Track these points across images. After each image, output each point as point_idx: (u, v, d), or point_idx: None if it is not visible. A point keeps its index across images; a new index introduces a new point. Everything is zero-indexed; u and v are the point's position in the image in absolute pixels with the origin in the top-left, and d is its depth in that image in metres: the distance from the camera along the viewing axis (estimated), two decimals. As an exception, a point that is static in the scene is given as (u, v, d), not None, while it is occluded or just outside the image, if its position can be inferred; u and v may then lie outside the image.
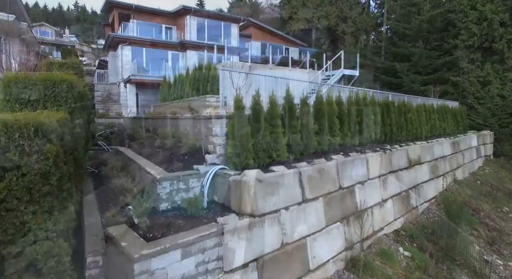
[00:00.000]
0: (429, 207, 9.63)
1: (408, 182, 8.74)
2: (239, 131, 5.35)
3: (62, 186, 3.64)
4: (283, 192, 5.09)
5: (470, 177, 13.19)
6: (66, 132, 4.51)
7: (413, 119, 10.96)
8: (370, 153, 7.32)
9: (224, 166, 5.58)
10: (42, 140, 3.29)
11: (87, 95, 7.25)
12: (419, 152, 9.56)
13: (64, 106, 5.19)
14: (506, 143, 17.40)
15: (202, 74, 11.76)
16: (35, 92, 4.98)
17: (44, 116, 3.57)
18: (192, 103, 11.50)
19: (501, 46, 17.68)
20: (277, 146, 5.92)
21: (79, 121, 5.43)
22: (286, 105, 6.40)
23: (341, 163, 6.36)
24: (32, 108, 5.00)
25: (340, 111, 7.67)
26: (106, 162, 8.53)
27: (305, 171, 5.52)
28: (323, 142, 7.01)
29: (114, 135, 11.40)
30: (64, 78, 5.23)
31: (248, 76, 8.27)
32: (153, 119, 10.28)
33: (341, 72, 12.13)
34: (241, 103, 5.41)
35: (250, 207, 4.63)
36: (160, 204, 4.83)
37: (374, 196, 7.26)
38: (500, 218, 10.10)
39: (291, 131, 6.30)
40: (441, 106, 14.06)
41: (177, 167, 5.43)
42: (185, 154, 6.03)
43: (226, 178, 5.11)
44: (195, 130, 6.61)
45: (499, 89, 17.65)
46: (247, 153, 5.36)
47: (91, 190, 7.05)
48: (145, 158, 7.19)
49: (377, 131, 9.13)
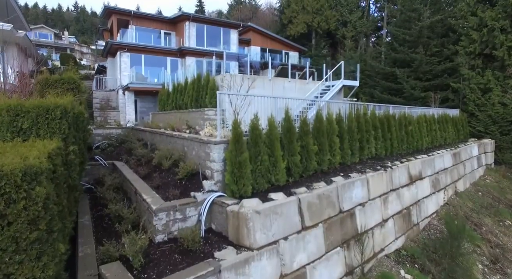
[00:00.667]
0: (431, 222, 9.52)
1: (409, 199, 8.62)
2: (237, 157, 5.22)
3: (53, 227, 3.51)
4: (282, 222, 4.96)
5: (472, 188, 13.06)
6: (58, 164, 4.39)
7: (413, 132, 10.86)
8: (371, 173, 7.20)
9: (222, 192, 5.46)
10: (31, 184, 3.16)
11: (83, 114, 7.12)
12: (420, 167, 9.44)
13: (57, 133, 5.05)
14: (507, 151, 17.27)
15: (200, 86, 11.66)
16: (27, 120, 4.85)
17: (35, 157, 3.43)
18: (190, 115, 11.41)
19: (502, 53, 17.56)
20: (276, 170, 5.81)
21: (73, 148, 5.29)
22: (285, 126, 6.28)
23: (341, 186, 6.24)
24: (25, 136, 4.87)
25: (340, 129, 7.56)
26: (103, 179, 8.41)
27: (304, 198, 5.40)
28: (323, 162, 6.91)
29: (111, 148, 11.26)
30: (58, 104, 5.09)
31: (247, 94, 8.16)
32: (151, 133, 10.14)
33: (341, 82, 12.00)
34: (239, 129, 5.28)
35: (248, 241, 4.51)
36: (156, 236, 4.70)
37: (375, 216, 7.14)
38: (503, 232, 9.98)
39: (290, 154, 6.18)
40: (441, 115, 13.96)
41: (174, 195, 5.30)
42: (182, 178, 5.90)
43: (224, 207, 4.99)
44: (193, 152, 6.48)
45: (499, 97, 17.52)
46: (245, 180, 5.24)
47: (87, 210, 6.93)
48: (141, 177, 7.09)
49: (378, 146, 9.04)
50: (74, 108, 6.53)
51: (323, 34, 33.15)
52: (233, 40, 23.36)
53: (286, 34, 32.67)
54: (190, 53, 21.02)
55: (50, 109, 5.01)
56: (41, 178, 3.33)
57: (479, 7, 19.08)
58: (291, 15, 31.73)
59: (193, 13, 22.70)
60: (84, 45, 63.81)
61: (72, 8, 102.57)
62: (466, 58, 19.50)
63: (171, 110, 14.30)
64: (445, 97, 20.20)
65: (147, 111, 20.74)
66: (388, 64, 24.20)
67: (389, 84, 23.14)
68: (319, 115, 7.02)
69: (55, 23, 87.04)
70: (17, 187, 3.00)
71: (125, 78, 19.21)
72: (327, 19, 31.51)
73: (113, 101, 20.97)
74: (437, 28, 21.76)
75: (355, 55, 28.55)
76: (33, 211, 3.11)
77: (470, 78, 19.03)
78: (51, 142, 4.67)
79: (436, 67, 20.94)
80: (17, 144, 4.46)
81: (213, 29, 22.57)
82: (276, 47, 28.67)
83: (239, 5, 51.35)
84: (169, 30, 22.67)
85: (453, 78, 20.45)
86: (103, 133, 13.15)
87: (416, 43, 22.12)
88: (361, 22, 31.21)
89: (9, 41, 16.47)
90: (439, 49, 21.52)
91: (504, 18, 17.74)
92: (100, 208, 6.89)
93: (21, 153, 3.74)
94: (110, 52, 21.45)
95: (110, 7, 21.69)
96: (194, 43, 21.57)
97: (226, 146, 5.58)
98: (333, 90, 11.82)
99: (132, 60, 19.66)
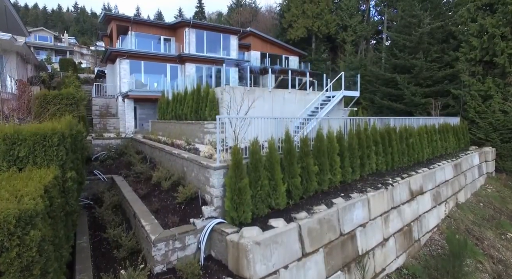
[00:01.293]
0: (432, 237, 9.45)
1: (410, 215, 8.55)
2: (237, 184, 5.16)
3: (48, 268, 3.44)
4: (283, 251, 4.90)
5: (473, 199, 12.99)
6: (55, 196, 4.32)
7: (414, 145, 10.80)
8: (372, 192, 7.13)
9: (222, 219, 5.39)
10: (25, 229, 3.10)
11: (82, 133, 7.05)
12: (421, 181, 9.37)
13: (55, 160, 4.98)
14: (508, 158, 17.18)
15: (200, 97, 11.60)
16: (24, 148, 4.78)
17: (30, 196, 3.36)
18: (190, 127, 11.35)
19: (503, 60, 17.48)
20: (276, 194, 5.75)
21: (71, 174, 5.22)
22: (286, 148, 6.22)
23: (342, 209, 6.17)
24: (21, 164, 4.80)
25: (341, 147, 7.50)
26: (101, 196, 8.36)
27: (305, 224, 5.33)
28: (323, 182, 6.85)
29: (110, 160, 11.19)
30: (56, 130, 5.02)
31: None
32: (151, 147, 10.07)
33: (341, 93, 11.94)
34: (239, 155, 5.21)
35: (248, 272, 4.44)
36: (154, 267, 4.64)
37: (376, 236, 7.07)
38: (505, 247, 9.90)
39: (290, 176, 6.12)
40: (442, 125, 13.89)
41: (173, 222, 5.23)
42: (181, 203, 5.83)
43: (224, 236, 4.92)
44: (192, 174, 6.42)
45: (500, 104, 17.44)
46: (245, 207, 5.18)
47: (85, 230, 6.85)
48: (140, 197, 7.02)
49: (379, 162, 8.98)
50: (73, 129, 6.48)
51: (323, 38, 33.08)
52: (233, 46, 23.29)
53: (286, 38, 32.60)
54: (190, 60, 20.96)
55: (48, 136, 4.94)
56: (36, 220, 3.26)
57: (480, 14, 19.01)
58: (291, 20, 31.65)
59: (193, 20, 22.63)
60: (84, 47, 63.72)
61: (72, 9, 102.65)
62: (467, 65, 19.43)
63: (171, 119, 14.24)
64: (446, 103, 20.12)
65: (147, 118, 20.70)
66: (388, 70, 24.12)
67: (389, 90, 23.07)
68: (320, 135, 6.95)
69: (55, 24, 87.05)
70: (10, 234, 2.93)
71: (125, 85, 19.15)
72: (327, 23, 31.44)
73: (112, 108, 20.90)
74: (437, 34, 21.69)
75: (355, 60, 28.48)
76: (26, 257, 3.04)
77: (471, 85, 18.96)
78: (48, 171, 4.61)
79: (436, 73, 20.87)
80: (12, 176, 4.40)
81: (213, 35, 22.51)
82: (276, 52, 28.61)
83: (239, 7, 51.23)
84: (168, 36, 22.60)
85: (454, 85, 20.39)
86: (102, 143, 13.09)
87: (416, 49, 22.06)
88: (361, 26, 31.14)
89: (8, 49, 16.44)
90: (440, 55, 21.45)
91: (505, 25, 17.67)
92: (99, 228, 6.83)
93: (16, 190, 3.69)
94: (110, 59, 21.39)
95: (109, 13, 21.61)
96: (194, 49, 21.51)
97: (226, 171, 5.52)
98: (333, 101, 11.76)
99: (131, 67, 19.60)
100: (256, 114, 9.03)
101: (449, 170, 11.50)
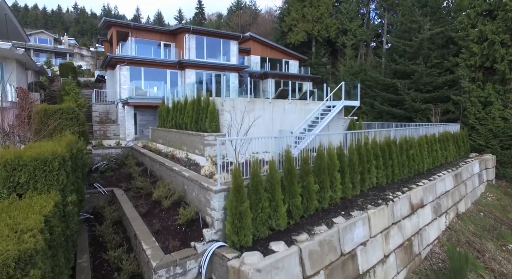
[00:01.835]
0: (432, 250, 9.44)
1: (411, 229, 8.54)
2: (238, 208, 5.16)
3: (49, 304, 3.44)
4: (283, 275, 4.89)
5: (473, 208, 12.99)
6: (56, 226, 4.32)
7: (415, 156, 10.80)
8: (372, 209, 7.12)
9: (223, 242, 5.39)
10: (25, 269, 3.08)
11: (82, 151, 7.05)
12: (422, 194, 9.36)
13: (55, 185, 4.98)
14: (508, 165, 17.18)
15: (200, 108, 11.60)
16: (24, 174, 4.77)
17: (29, 233, 3.35)
18: (190, 138, 11.34)
19: (503, 67, 17.48)
20: (277, 215, 5.75)
21: (71, 198, 5.22)
22: (286, 167, 6.21)
23: (343, 229, 6.17)
24: (22, 190, 4.79)
25: (342, 163, 7.50)
26: (102, 211, 8.36)
27: (305, 247, 5.33)
28: (324, 200, 6.85)
29: (111, 172, 11.18)
30: (56, 154, 5.02)
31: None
32: (151, 160, 10.07)
33: (342, 103, 11.94)
34: (240, 179, 5.21)
35: (249, 300, 4.43)
36: (155, 294, 4.63)
37: (376, 254, 7.07)
38: (506, 259, 9.90)
39: (291, 196, 6.12)
40: (442, 134, 13.89)
41: (174, 246, 5.23)
42: (182, 224, 5.83)
43: (225, 261, 4.92)
44: (193, 193, 6.42)
45: (500, 111, 17.44)
46: (246, 231, 5.17)
47: (85, 248, 6.84)
48: (141, 215, 7.02)
49: (379, 175, 8.98)
50: (73, 148, 6.48)
51: (323, 42, 33.08)
52: (233, 51, 23.30)
53: (286, 42, 32.61)
54: (190, 66, 20.97)
55: (48, 161, 4.94)
56: (36, 259, 3.26)
57: (480, 20, 19.01)
58: (291, 23, 31.65)
59: (193, 26, 22.62)
60: (84, 48, 63.75)
61: (71, 9, 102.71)
62: (467, 71, 19.43)
63: (171, 128, 14.25)
64: (446, 109, 20.13)
65: (147, 124, 20.70)
66: (388, 75, 24.12)
67: (389, 96, 23.07)
68: (320, 152, 6.95)
69: (55, 24, 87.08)
70: (9, 278, 2.91)
71: (125, 91, 19.16)
72: (327, 27, 31.45)
73: (112, 114, 20.90)
74: (437, 40, 21.69)
75: (355, 64, 28.50)
76: (27, 297, 3.03)
77: (471, 91, 18.96)
78: (48, 198, 4.60)
79: (436, 79, 20.87)
80: (12, 204, 4.39)
81: (213, 40, 22.52)
82: (276, 56, 28.62)
83: (239, 10, 51.21)
84: (168, 42, 22.60)
85: (454, 90, 20.39)
86: (102, 153, 13.09)
87: (416, 54, 22.06)
88: (361, 30, 31.15)
89: (9, 57, 16.47)
90: (440, 61, 21.45)
91: (505, 32, 17.67)
92: (99, 245, 6.82)
93: (16, 223, 3.68)
94: (110, 65, 21.41)
95: (109, 19, 21.61)
96: (194, 55, 21.51)
97: (227, 194, 5.52)
98: (333, 112, 11.77)
99: (131, 73, 19.61)
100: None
101: (449, 180, 11.49)
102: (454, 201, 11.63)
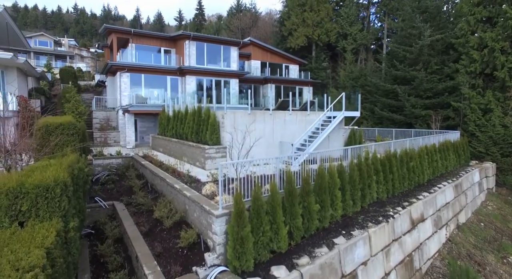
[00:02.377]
0: (433, 264, 9.46)
1: (411, 245, 8.56)
2: (240, 233, 5.17)
3: None
4: (285, 302, 4.91)
5: (474, 218, 13.01)
6: (58, 256, 4.34)
7: (415, 167, 10.81)
8: (373, 228, 7.14)
9: (224, 266, 5.40)
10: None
11: (83, 170, 7.08)
12: (422, 208, 9.38)
13: (57, 212, 5.00)
14: (509, 173, 17.20)
15: (201, 119, 11.63)
16: (26, 202, 4.78)
17: (32, 276, 3.37)
18: (191, 150, 11.37)
19: (503, 74, 17.50)
20: (278, 238, 5.76)
21: (73, 224, 5.24)
22: (287, 189, 6.22)
23: (343, 250, 6.18)
24: (24, 218, 4.81)
25: (342, 181, 7.51)
26: (103, 226, 8.36)
27: (306, 271, 5.35)
28: (324, 219, 6.86)
29: (112, 184, 11.19)
30: (58, 180, 5.04)
31: (248, 160, 8.12)
32: (152, 174, 10.08)
33: (342, 114, 11.96)
34: (242, 204, 5.23)
35: None
36: (157, 322, 4.65)
37: (377, 272, 7.09)
38: (508, 273, 9.91)
39: (292, 217, 6.13)
40: (443, 143, 13.90)
41: (176, 271, 5.24)
42: (184, 247, 5.84)
43: (226, 288, 4.93)
44: (194, 214, 6.44)
45: (500, 118, 17.46)
46: (247, 256, 5.19)
47: (87, 267, 6.83)
48: (143, 234, 7.03)
49: (379, 190, 8.99)
50: (75, 169, 6.50)
51: (324, 46, 33.09)
52: (233, 57, 23.32)
53: (286, 46, 32.64)
54: (190, 72, 21.00)
55: (50, 188, 4.95)
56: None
57: (479, 27, 19.04)
58: (291, 28, 31.67)
59: (194, 33, 22.65)
60: (84, 49, 63.81)
61: (71, 10, 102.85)
62: (467, 77, 19.45)
63: (171, 137, 14.29)
64: (446, 116, 20.15)
65: (147, 131, 20.74)
66: (389, 81, 24.14)
67: (389, 101, 23.10)
68: (321, 172, 6.96)
69: (55, 25, 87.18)
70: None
71: (125, 98, 19.18)
72: (327, 31, 31.47)
73: (113, 120, 20.92)
74: (437, 46, 21.71)
75: (356, 69, 28.52)
76: None
77: (471, 98, 18.99)
78: (50, 227, 4.61)
79: (436, 85, 20.89)
80: (14, 234, 4.39)
81: (214, 47, 22.54)
82: (276, 60, 28.63)
83: (239, 13, 51.23)
84: (169, 48, 22.63)
85: (454, 97, 20.41)
86: (103, 163, 13.11)
87: (416, 60, 22.09)
88: (362, 34, 31.17)
89: (10, 65, 16.51)
90: (440, 67, 21.47)
91: (504, 39, 17.70)
92: (100, 264, 6.83)
93: (17, 259, 3.68)
94: (110, 72, 21.43)
95: (110, 26, 21.64)
96: (194, 61, 21.53)
97: (228, 218, 5.54)
98: (334, 123, 11.80)
99: (132, 79, 19.63)
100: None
101: (449, 191, 11.51)
102: (454, 212, 11.65)
